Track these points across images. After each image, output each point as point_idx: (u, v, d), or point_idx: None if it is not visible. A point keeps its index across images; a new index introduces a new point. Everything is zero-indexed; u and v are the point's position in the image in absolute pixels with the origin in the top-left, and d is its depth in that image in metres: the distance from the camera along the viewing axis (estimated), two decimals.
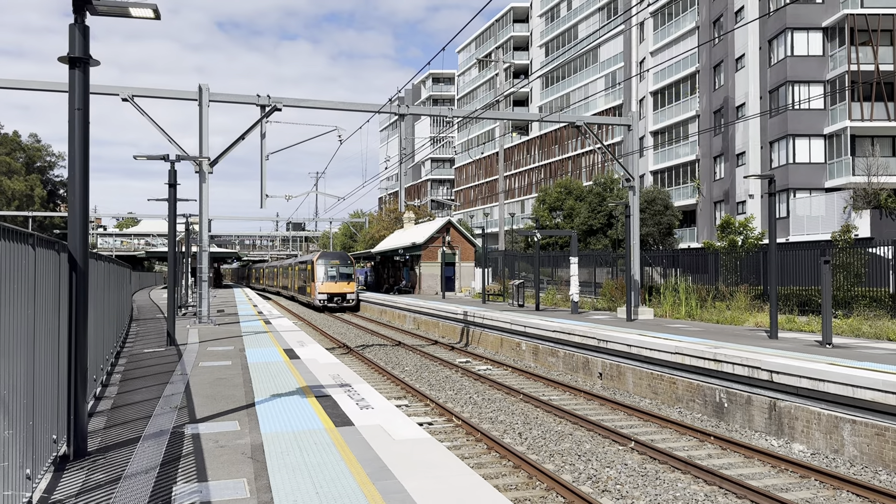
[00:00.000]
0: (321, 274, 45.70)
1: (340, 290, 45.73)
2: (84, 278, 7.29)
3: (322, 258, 46.46)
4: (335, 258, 46.86)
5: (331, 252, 49.99)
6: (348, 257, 48.00)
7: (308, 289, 48.75)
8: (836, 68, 38.35)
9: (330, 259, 46.50)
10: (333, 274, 45.89)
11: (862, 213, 32.98)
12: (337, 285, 45.69)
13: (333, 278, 45.77)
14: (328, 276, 45.66)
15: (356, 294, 46.85)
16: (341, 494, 5.87)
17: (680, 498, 8.90)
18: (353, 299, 46.27)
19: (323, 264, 45.97)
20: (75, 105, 7.36)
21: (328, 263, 46.03)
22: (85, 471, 6.67)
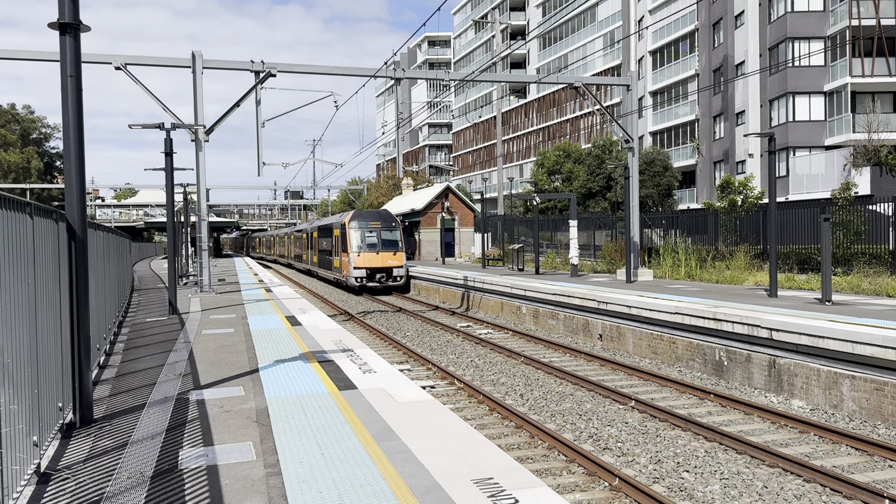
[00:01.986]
0: (356, 240, 33.33)
1: (384, 262, 33.04)
2: (83, 247, 7.28)
3: (358, 219, 34.24)
4: (376, 218, 34.50)
5: (369, 210, 37.02)
6: (393, 217, 35.08)
7: (336, 262, 36.28)
8: (836, 24, 37.87)
9: (369, 220, 34.24)
10: (374, 240, 33.44)
11: (862, 170, 32.85)
12: (380, 256, 33.04)
13: (374, 247, 33.25)
14: (367, 244, 33.25)
15: (405, 268, 33.87)
16: (346, 455, 5.93)
17: (680, 454, 9.00)
18: (401, 276, 33.53)
19: (359, 227, 33.70)
20: (67, 72, 7.28)
21: (366, 225, 33.75)
22: (92, 437, 6.74)
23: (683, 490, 7.84)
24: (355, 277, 32.83)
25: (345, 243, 33.79)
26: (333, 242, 36.87)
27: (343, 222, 34.30)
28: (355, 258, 32.87)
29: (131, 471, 5.69)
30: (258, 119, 22.68)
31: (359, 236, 33.45)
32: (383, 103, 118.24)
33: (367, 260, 32.93)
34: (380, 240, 33.53)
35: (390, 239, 33.78)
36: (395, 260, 33.34)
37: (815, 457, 8.94)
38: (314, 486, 5.24)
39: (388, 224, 34.27)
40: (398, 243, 33.72)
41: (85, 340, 7.31)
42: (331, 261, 37.95)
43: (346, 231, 33.71)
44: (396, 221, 34.65)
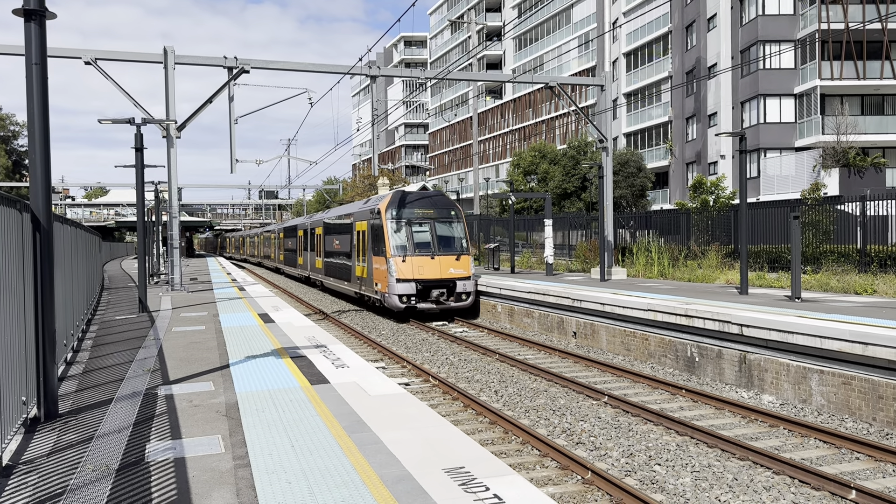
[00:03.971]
0: (400, 237, 22.10)
1: (443, 272, 21.91)
2: (48, 239, 7.14)
3: (402, 204, 22.72)
4: (428, 203, 23.18)
5: (417, 192, 25.34)
6: (451, 202, 23.90)
7: (359, 270, 24.91)
8: (806, 27, 38.48)
9: (418, 206, 22.87)
10: (426, 237, 22.33)
11: (831, 171, 33.42)
12: (436, 263, 21.91)
13: (426, 248, 22.12)
14: (415, 244, 22.11)
15: (474, 280, 22.59)
16: (317, 447, 5.87)
17: (652, 448, 9.05)
18: (468, 292, 22.16)
19: (404, 217, 22.38)
20: (32, 60, 7.13)
21: (415, 214, 22.56)
22: (56, 432, 6.60)
23: (655, 483, 7.88)
24: (399, 296, 21.08)
25: (379, 242, 22.23)
26: (356, 241, 25.36)
27: (376, 210, 22.83)
28: (399, 265, 21.31)
29: (96, 464, 5.58)
30: (231, 115, 22.47)
31: (403, 231, 21.96)
32: (358, 103, 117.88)
33: (416, 268, 21.43)
34: (435, 236, 22.08)
35: (451, 235, 22.48)
36: (460, 268, 21.81)
37: (784, 450, 9.03)
38: (283, 476, 5.17)
39: (446, 212, 22.73)
40: (463, 242, 22.47)
41: (50, 334, 7.17)
42: (348, 268, 26.45)
43: (381, 223, 22.00)
44: (457, 209, 23.09)
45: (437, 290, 21.63)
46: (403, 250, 21.72)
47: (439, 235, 22.37)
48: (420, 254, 21.80)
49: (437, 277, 21.67)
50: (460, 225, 22.99)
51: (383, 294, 21.98)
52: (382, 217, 22.30)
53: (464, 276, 21.94)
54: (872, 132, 37.62)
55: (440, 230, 22.50)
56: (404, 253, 21.66)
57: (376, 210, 22.88)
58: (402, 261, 21.52)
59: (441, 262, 21.84)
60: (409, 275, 21.37)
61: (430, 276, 21.56)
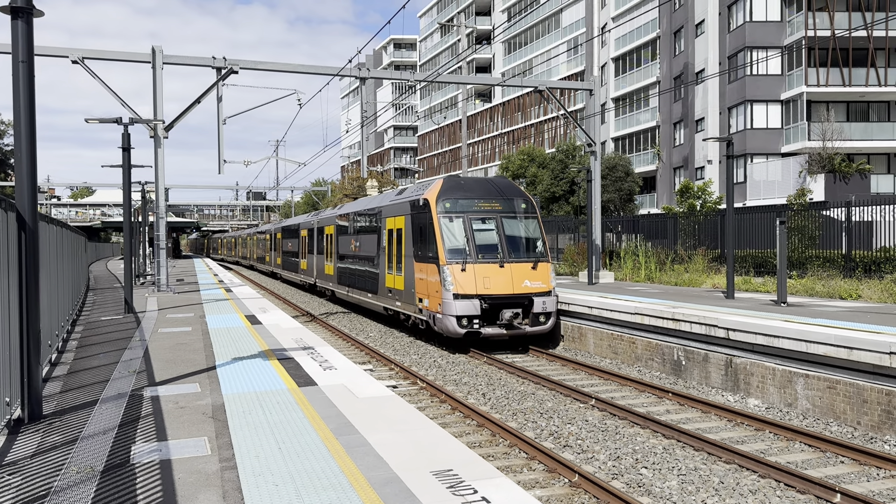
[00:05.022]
0: (457, 238, 16.98)
1: (517, 286, 16.62)
2: (34, 238, 7.07)
3: (458, 194, 17.56)
4: (490, 192, 17.93)
5: (475, 178, 19.47)
6: (521, 191, 18.55)
7: (392, 280, 19.73)
8: (793, 34, 38.79)
9: (478, 196, 17.73)
10: (491, 238, 17.20)
11: (817, 177, 33.70)
12: (506, 272, 16.66)
13: (491, 251, 16.96)
14: (477, 246, 16.91)
15: (555, 297, 17.15)
16: (304, 449, 5.85)
17: (639, 451, 9.08)
18: (548, 312, 16.81)
19: (459, 209, 17.29)
20: (19, 58, 7.07)
21: (475, 207, 17.47)
22: (40, 433, 6.54)
23: (642, 486, 7.90)
24: (458, 317, 15.83)
25: (426, 244, 17.12)
26: (387, 242, 20.09)
27: (420, 201, 17.49)
28: (457, 275, 16.09)
29: (81, 465, 5.53)
30: (219, 116, 22.37)
31: (462, 229, 16.77)
32: (347, 105, 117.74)
33: (481, 279, 16.21)
34: (503, 236, 16.94)
35: (524, 235, 17.34)
36: (538, 279, 16.62)
37: (770, 453, 9.09)
38: (270, 479, 5.15)
39: (516, 203, 17.59)
40: (539, 244, 17.38)
41: (34, 334, 7.10)
42: (372, 277, 21.37)
43: (430, 218, 16.89)
44: (529, 198, 18.01)
45: (509, 309, 16.05)
46: (462, 255, 16.34)
47: (508, 235, 16.98)
48: (485, 260, 16.41)
49: (508, 293, 16.21)
50: (535, 221, 17.52)
51: (432, 314, 16.46)
52: (432, 210, 16.82)
53: (543, 291, 16.45)
54: (858, 139, 37.96)
55: (510, 228, 17.13)
56: (463, 259, 16.26)
57: (421, 201, 17.41)
58: (460, 269, 16.04)
59: (513, 272, 16.40)
60: (471, 289, 15.94)
61: (499, 291, 16.15)
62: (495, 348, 17.19)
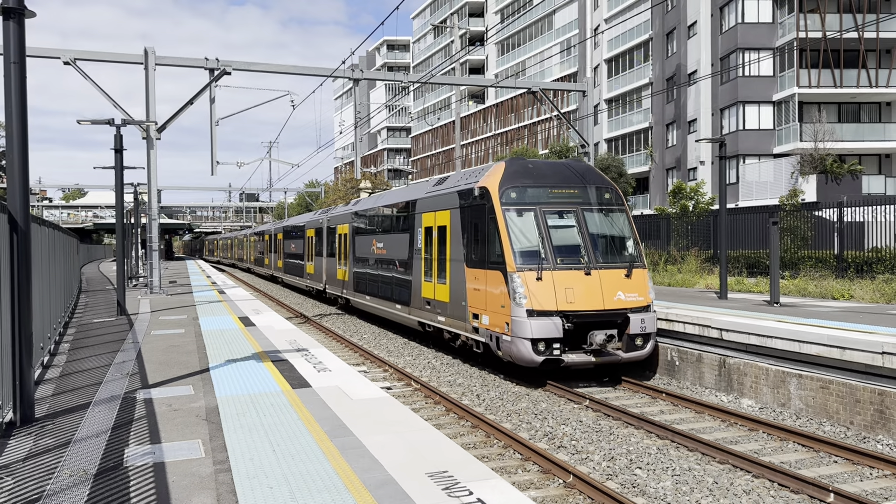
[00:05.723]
0: (528, 236, 13.05)
1: (608, 299, 12.73)
2: (26, 239, 7.04)
3: (526, 181, 13.60)
4: (570, 177, 13.98)
5: (546, 163, 14.79)
6: (605, 178, 14.55)
7: (438, 291, 15.84)
8: (785, 35, 38.97)
9: (552, 183, 13.76)
10: (572, 237, 13.27)
11: (808, 178, 33.84)
12: (594, 281, 12.75)
13: (573, 254, 13.07)
14: (555, 247, 12.97)
15: (654, 313, 13.19)
16: (298, 451, 5.83)
17: (633, 451, 9.09)
18: (647, 332, 12.86)
19: (529, 199, 13.40)
20: (11, 59, 7.04)
21: (549, 195, 13.53)
22: (33, 436, 6.50)
23: (636, 486, 7.91)
24: (534, 340, 12.34)
25: (486, 244, 13.62)
26: (422, 243, 16.89)
27: (477, 190, 14.01)
28: (531, 285, 12.56)
29: (74, 469, 5.50)
30: (212, 117, 22.32)
31: (534, 225, 13.24)
32: (341, 106, 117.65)
33: (563, 291, 12.65)
34: (587, 235, 13.37)
35: (613, 233, 13.85)
36: (633, 290, 13.11)
37: (763, 453, 9.11)
38: (265, 481, 5.13)
39: (601, 193, 14.01)
40: (630, 244, 13.84)
41: (26, 337, 7.06)
42: (402, 285, 18.13)
43: (491, 210, 13.43)
44: (615, 188, 14.33)
45: (601, 330, 12.46)
46: (535, 259, 12.62)
47: (594, 233, 13.31)
48: (566, 266, 12.74)
49: (597, 308, 12.54)
50: (623, 215, 13.91)
51: (495, 335, 12.97)
52: (493, 201, 13.23)
53: (640, 306, 12.86)
54: (849, 139, 38.15)
55: (595, 223, 13.47)
56: (538, 264, 12.53)
57: (476, 191, 13.86)
58: (535, 278, 12.39)
59: (603, 281, 12.75)
60: (550, 303, 12.33)
61: (586, 307, 12.47)
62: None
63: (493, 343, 13.23)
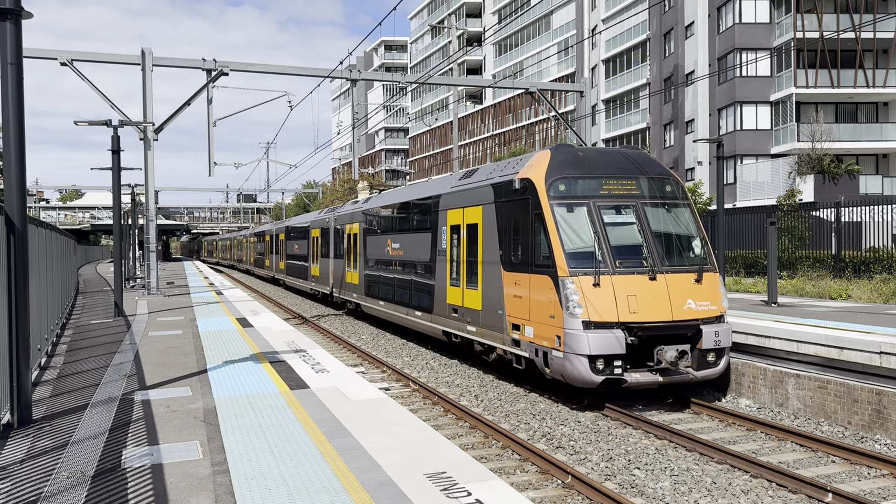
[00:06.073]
0: (580, 234, 11.30)
1: (677, 308, 10.96)
2: (23, 241, 7.02)
3: (576, 172, 11.79)
4: (626, 167, 12.16)
5: (596, 149, 13.14)
6: (665, 168, 12.69)
7: (466, 297, 14.29)
8: (782, 35, 39.02)
9: (606, 173, 11.91)
10: (632, 235, 11.48)
11: (806, 178, 33.90)
12: (659, 287, 11.01)
13: (634, 255, 11.29)
14: (613, 248, 11.20)
15: (727, 325, 11.44)
16: (297, 452, 5.82)
17: (631, 452, 9.09)
18: (720, 347, 11.17)
19: (580, 192, 11.61)
20: (8, 59, 7.03)
21: (602, 187, 11.70)
22: (30, 438, 6.49)
23: (634, 487, 7.91)
24: (592, 357, 10.57)
25: (531, 244, 11.93)
26: (447, 243, 15.49)
27: (518, 182, 12.30)
28: (588, 291, 10.83)
29: (71, 470, 5.48)
30: (209, 118, 22.30)
31: (588, 222, 11.49)
32: (338, 107, 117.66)
33: (625, 298, 10.89)
34: (649, 233, 11.58)
35: (678, 231, 12.05)
36: (704, 298, 11.34)
37: (761, 453, 9.11)
38: (263, 483, 5.12)
39: (662, 184, 12.27)
40: (698, 244, 12.07)
41: (24, 338, 7.04)
42: (426, 290, 16.62)
43: (537, 206, 11.71)
44: (678, 180, 12.62)
45: (671, 346, 10.79)
46: (591, 261, 10.95)
47: (657, 232, 11.57)
48: (627, 269, 11.09)
49: (665, 319, 10.86)
50: (688, 210, 12.20)
51: (542, 350, 11.29)
52: (539, 194, 11.59)
53: (712, 316, 11.22)
54: (846, 139, 38.21)
55: (657, 220, 11.73)
56: (595, 267, 10.86)
57: (517, 183, 12.19)
58: (592, 284, 10.76)
59: (670, 287, 11.08)
60: (610, 313, 10.67)
61: (652, 317, 10.79)
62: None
63: (540, 359, 11.45)
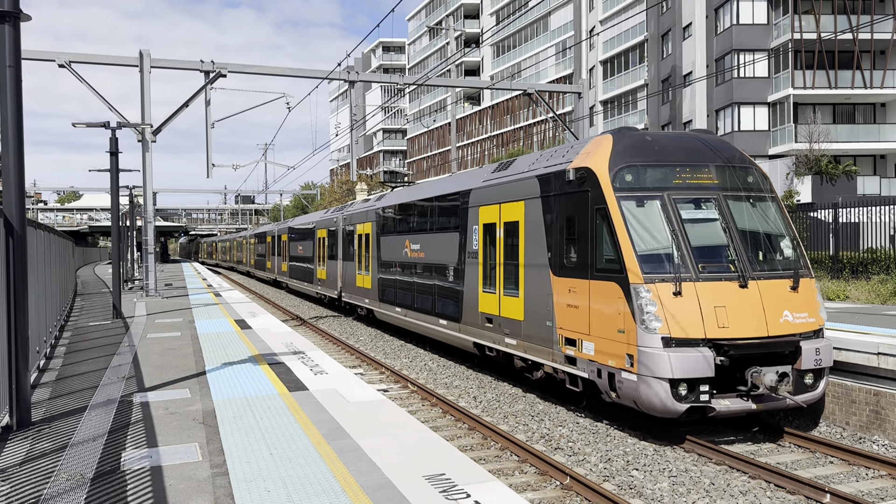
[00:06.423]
0: (655, 234, 9.61)
1: (772, 322, 9.29)
2: (22, 243, 7.03)
3: (645, 160, 10.08)
4: (704, 154, 10.37)
5: (664, 133, 10.99)
6: (748, 157, 10.89)
7: (502, 305, 12.75)
8: (779, 37, 39.09)
9: (680, 162, 10.17)
10: (716, 234, 9.78)
11: (804, 179, 33.95)
12: (751, 296, 9.33)
13: (718, 257, 9.65)
14: (694, 248, 9.52)
15: (827, 341, 9.65)
16: (296, 454, 5.83)
17: (630, 453, 9.10)
18: (821, 366, 9.51)
19: (650, 183, 9.95)
20: (6, 62, 7.03)
21: (677, 177, 10.07)
22: (29, 440, 6.49)
23: (633, 488, 7.92)
24: (674, 381, 8.87)
25: (588, 243, 10.26)
26: (481, 242, 13.89)
27: (573, 172, 10.57)
28: (666, 301, 9.13)
29: (71, 473, 5.49)
30: (207, 120, 22.30)
31: (663, 219, 9.76)
32: (336, 108, 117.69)
33: (709, 309, 9.17)
34: (735, 232, 9.82)
35: (767, 230, 10.21)
36: (801, 308, 9.61)
37: (759, 454, 9.13)
38: (262, 485, 5.13)
39: (743, 175, 10.46)
40: (789, 244, 10.30)
41: (23, 341, 7.04)
42: (452, 296, 15.20)
43: (598, 199, 10.03)
44: (760, 170, 10.80)
45: (770, 367, 9.21)
46: (668, 265, 9.40)
47: (742, 229, 9.94)
48: (713, 274, 9.45)
49: (760, 335, 9.23)
50: (775, 204, 10.54)
51: (610, 371, 9.68)
52: (601, 184, 10.00)
53: (811, 330, 9.64)
54: (844, 140, 38.27)
55: (742, 216, 10.09)
56: (675, 271, 9.32)
57: (574, 173, 10.55)
58: (672, 292, 9.17)
59: (764, 296, 9.46)
60: (696, 328, 9.09)
61: (745, 333, 9.17)
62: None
63: (604, 381, 9.82)
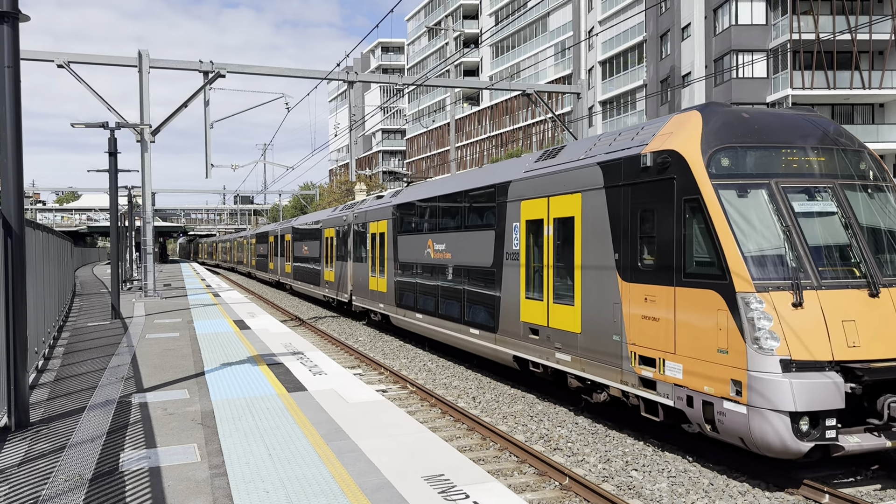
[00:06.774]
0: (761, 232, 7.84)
1: None
2: (20, 244, 7.02)
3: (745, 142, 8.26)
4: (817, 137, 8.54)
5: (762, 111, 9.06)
6: (861, 143, 8.97)
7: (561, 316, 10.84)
8: (778, 37, 39.13)
9: (788, 143, 8.37)
10: (837, 233, 8.01)
11: None
12: (884, 307, 7.61)
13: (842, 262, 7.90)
14: (811, 249, 7.78)
15: None
16: (295, 455, 5.83)
17: (629, 454, 9.10)
18: None
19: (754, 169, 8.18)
20: (5, 62, 7.02)
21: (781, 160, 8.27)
22: (28, 441, 6.48)
23: (632, 488, 7.92)
24: (794, 415, 7.14)
25: (672, 242, 8.49)
26: (524, 242, 12.12)
27: (648, 157, 8.81)
28: (784, 314, 7.40)
29: (69, 473, 5.48)
30: (206, 120, 22.29)
31: (768, 214, 7.99)
32: (336, 108, 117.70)
33: (836, 324, 7.43)
34: (856, 229, 8.10)
35: (890, 228, 8.43)
36: None
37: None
38: (261, 486, 5.12)
39: (859, 161, 8.72)
40: None
41: (21, 342, 7.04)
42: (485, 302, 13.69)
43: (689, 189, 8.25)
44: (873, 154, 9.03)
45: None
46: (779, 269, 7.79)
47: (865, 225, 8.37)
48: (836, 280, 7.84)
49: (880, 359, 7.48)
50: (895, 195, 8.99)
51: (706, 399, 8.04)
52: (692, 170, 8.35)
53: None
54: None
55: (864, 210, 8.51)
56: (793, 277, 7.66)
57: (652, 158, 8.88)
58: (790, 303, 7.55)
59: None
60: (822, 347, 7.42)
61: (880, 353, 7.51)
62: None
63: (697, 412, 8.16)
